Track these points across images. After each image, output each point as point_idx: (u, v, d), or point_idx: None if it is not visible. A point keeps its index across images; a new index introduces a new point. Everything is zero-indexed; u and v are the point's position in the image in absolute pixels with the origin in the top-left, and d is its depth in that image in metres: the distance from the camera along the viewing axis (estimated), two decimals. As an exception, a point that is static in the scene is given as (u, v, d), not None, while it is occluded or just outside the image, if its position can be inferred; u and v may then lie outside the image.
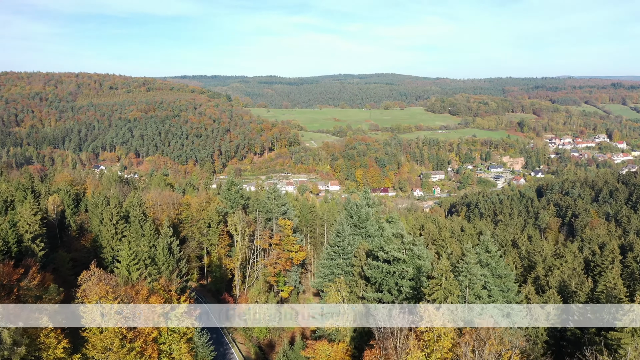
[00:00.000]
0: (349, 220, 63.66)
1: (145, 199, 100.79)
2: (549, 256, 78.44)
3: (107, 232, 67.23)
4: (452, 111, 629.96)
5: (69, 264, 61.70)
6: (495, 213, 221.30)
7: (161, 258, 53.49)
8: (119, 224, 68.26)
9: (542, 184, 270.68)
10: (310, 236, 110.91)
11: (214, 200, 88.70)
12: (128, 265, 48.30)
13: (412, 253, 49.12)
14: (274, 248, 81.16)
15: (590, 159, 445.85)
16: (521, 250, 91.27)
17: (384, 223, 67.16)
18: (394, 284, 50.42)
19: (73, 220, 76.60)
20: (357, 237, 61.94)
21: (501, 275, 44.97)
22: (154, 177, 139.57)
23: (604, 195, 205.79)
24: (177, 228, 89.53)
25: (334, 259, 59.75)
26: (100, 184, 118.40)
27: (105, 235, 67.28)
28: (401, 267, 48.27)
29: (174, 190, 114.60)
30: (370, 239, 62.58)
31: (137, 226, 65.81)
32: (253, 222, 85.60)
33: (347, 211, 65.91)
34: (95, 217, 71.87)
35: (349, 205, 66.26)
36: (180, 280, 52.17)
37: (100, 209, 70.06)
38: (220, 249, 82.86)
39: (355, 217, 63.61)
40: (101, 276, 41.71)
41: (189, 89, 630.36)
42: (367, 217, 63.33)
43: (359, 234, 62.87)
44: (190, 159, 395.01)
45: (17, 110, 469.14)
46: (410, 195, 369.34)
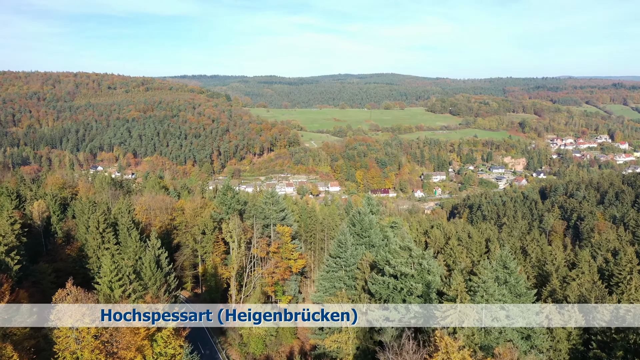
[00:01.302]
0: (351, 229, 59.52)
1: (138, 203, 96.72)
2: (562, 265, 74.33)
3: (94, 240, 62.85)
4: (452, 111, 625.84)
5: (50, 276, 57.54)
6: (499, 215, 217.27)
7: (147, 272, 49.20)
8: (106, 233, 63.86)
9: (546, 186, 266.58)
10: (310, 242, 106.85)
11: (208, 206, 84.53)
12: (110, 282, 44.10)
13: (421, 268, 44.98)
14: (272, 256, 77.05)
15: (592, 160, 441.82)
16: (531, 257, 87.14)
17: (388, 231, 63.00)
18: (402, 300, 46.30)
19: (59, 227, 72.41)
20: (360, 247, 57.79)
21: (520, 294, 40.85)
22: (149, 179, 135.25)
23: (610, 197, 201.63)
24: (170, 234, 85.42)
25: (335, 271, 55.59)
26: (93, 186, 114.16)
27: (92, 244, 62.91)
28: (409, 284, 44.14)
29: (168, 193, 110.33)
30: (374, 249, 58.44)
31: (125, 235, 61.58)
32: (250, 228, 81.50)
33: (349, 219, 61.74)
34: (82, 224, 67.60)
35: (352, 213, 62.08)
36: (169, 296, 47.98)
37: (86, 216, 65.79)
38: (215, 257, 78.72)
39: (358, 225, 59.46)
40: (78, 295, 37.56)
41: (188, 88, 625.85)
42: (371, 225, 59.18)
43: (362, 243, 58.71)
44: (188, 159, 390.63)
45: (15, 110, 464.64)
46: (411, 196, 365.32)
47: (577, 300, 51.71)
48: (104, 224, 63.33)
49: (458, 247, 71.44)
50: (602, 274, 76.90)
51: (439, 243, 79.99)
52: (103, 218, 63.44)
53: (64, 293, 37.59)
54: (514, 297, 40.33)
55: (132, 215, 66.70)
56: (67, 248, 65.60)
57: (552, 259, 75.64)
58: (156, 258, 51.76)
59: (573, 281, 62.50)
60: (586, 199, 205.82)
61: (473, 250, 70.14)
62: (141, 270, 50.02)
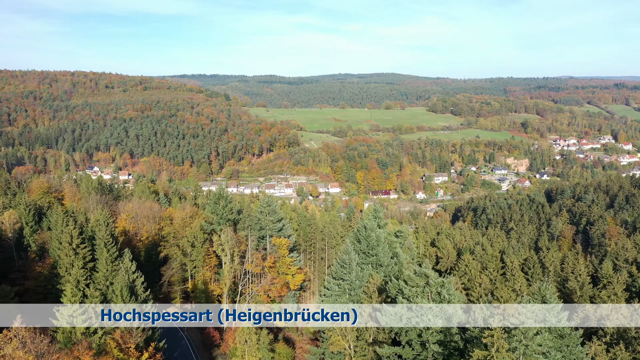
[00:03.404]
0: (356, 247, 52.69)
1: (125, 210, 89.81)
2: (587, 283, 67.59)
3: (67, 257, 55.87)
4: (454, 111, 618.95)
5: (14, 299, 50.60)
6: (505, 219, 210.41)
7: (118, 302, 42.35)
8: (80, 249, 56.76)
9: (552, 188, 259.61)
10: (309, 251, 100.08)
11: (199, 215, 77.62)
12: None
13: (441, 299, 38.17)
14: (268, 271, 70.27)
15: (596, 161, 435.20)
16: (549, 270, 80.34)
17: (397, 247, 56.13)
18: (417, 335, 39.51)
19: (33, 239, 65.57)
20: (366, 267, 50.95)
21: (563, 334, 34.05)
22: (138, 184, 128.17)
23: (620, 201, 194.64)
24: (158, 246, 78.51)
25: (338, 295, 48.79)
26: (78, 192, 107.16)
27: (64, 262, 55.91)
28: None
29: (158, 199, 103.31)
30: (382, 268, 51.61)
31: (102, 251, 54.64)
32: (244, 239, 74.70)
33: (353, 235, 54.92)
34: (55, 237, 60.63)
35: (357, 227, 55.25)
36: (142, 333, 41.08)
37: (60, 228, 58.84)
38: (205, 272, 71.86)
39: (364, 242, 52.62)
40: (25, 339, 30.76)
41: (187, 88, 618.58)
42: (379, 242, 52.35)
43: (368, 262, 51.89)
44: (186, 160, 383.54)
45: (10, 110, 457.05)
46: (413, 198, 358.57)
47: (617, 331, 44.95)
48: (78, 238, 56.27)
49: (473, 262, 64.60)
50: (629, 291, 70.03)
51: (452, 258, 73.18)
52: (77, 232, 56.37)
53: (9, 335, 30.80)
54: (556, 338, 33.56)
55: (111, 228, 59.70)
56: (38, 264, 58.75)
57: (576, 275, 68.81)
58: (130, 284, 44.91)
59: (604, 303, 55.72)
60: (595, 202, 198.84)
61: (489, 267, 63.37)
62: (111, 300, 43.12)
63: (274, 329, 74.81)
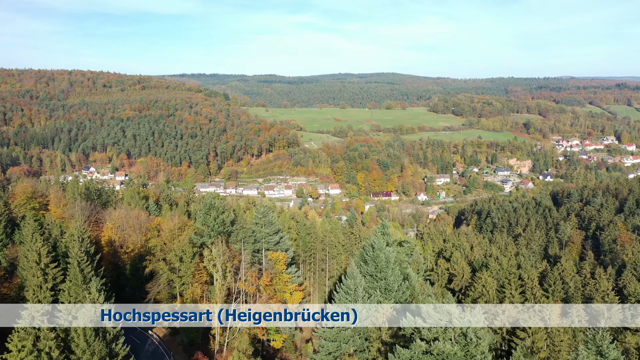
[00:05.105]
0: (362, 268, 46.30)
1: (111, 219, 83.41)
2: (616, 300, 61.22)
3: (34, 278, 49.17)
4: (455, 111, 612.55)
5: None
6: (510, 224, 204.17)
7: (81, 343, 35.50)
8: (49, 269, 49.97)
9: (558, 191, 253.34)
10: (309, 262, 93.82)
11: (188, 226, 71.17)
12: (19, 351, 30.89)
13: (466, 341, 31.76)
14: (264, 290, 63.90)
15: (600, 162, 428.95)
16: (569, 286, 73.96)
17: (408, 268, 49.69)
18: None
19: (2, 255, 59.15)
20: (374, 293, 44.53)
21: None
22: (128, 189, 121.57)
23: (630, 205, 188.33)
24: (144, 259, 72.07)
25: (343, 327, 42.40)
26: (64, 197, 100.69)
27: (31, 283, 49.22)
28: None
29: (147, 206, 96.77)
30: (392, 294, 45.19)
31: (76, 272, 48.12)
32: (238, 253, 68.37)
33: (359, 255, 48.54)
34: (23, 254, 54.10)
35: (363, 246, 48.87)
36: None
37: (28, 244, 52.26)
38: (195, 289, 65.44)
39: (371, 264, 46.23)
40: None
41: (186, 87, 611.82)
42: (388, 263, 45.95)
43: (376, 287, 45.48)
44: (184, 160, 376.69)
45: (6, 109, 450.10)
46: (414, 199, 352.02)
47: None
48: (47, 257, 49.44)
49: (490, 281, 58.13)
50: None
51: (466, 276, 66.74)
52: (46, 249, 49.58)
53: None
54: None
55: (86, 244, 53.10)
56: (4, 285, 52.26)
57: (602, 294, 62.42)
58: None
59: None
60: (604, 206, 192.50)
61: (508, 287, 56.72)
62: (72, 340, 36.49)
63: (271, 351, 68.60)
